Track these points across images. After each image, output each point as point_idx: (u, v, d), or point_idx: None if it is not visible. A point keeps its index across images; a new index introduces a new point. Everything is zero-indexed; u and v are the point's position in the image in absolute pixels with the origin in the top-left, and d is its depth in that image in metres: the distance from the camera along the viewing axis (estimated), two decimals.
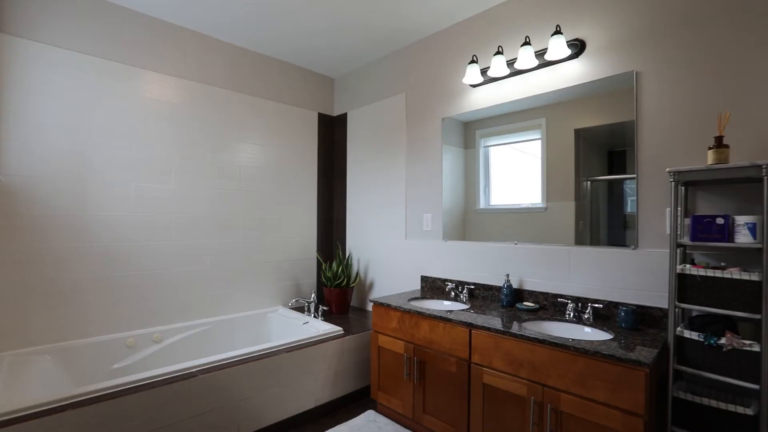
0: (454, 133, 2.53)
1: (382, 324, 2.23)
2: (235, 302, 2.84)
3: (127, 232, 2.36)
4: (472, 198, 2.42)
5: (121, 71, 2.33)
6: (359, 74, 3.26)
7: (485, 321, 1.79)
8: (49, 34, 2.11)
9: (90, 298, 2.23)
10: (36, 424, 1.42)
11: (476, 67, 2.26)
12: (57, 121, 2.13)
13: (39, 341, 2.07)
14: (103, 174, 2.27)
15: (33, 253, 2.06)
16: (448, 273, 2.51)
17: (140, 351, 2.33)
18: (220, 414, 1.88)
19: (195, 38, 2.65)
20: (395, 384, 2.16)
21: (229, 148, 2.82)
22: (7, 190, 1.99)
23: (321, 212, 3.41)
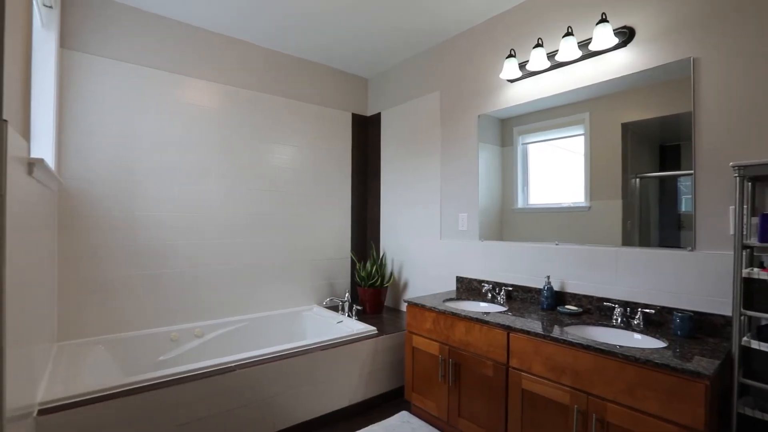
0: (491, 130, 2.46)
1: (417, 324, 2.20)
2: (272, 300, 2.91)
3: (171, 231, 2.47)
4: (510, 197, 2.34)
5: (165, 79, 2.45)
6: (393, 73, 3.25)
7: (524, 324, 1.72)
8: (103, 47, 2.25)
9: (138, 294, 2.35)
10: (90, 409, 1.51)
11: (514, 62, 2.18)
12: (109, 127, 2.27)
13: (94, 332, 2.21)
14: (149, 176, 2.40)
15: (89, 251, 2.20)
16: (484, 274, 2.44)
17: (183, 345, 2.43)
18: (256, 408, 1.92)
19: (234, 44, 2.75)
20: (429, 385, 2.12)
21: (266, 150, 2.89)
22: (67, 193, 2.14)
23: (355, 212, 3.43)
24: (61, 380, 1.67)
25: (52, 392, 1.53)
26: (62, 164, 2.12)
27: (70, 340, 2.13)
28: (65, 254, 2.13)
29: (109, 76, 2.26)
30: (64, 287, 2.12)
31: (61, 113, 2.12)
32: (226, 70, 2.71)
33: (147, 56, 2.39)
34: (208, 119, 2.62)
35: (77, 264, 2.16)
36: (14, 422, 1.11)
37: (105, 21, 2.26)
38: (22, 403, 1.22)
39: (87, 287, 2.19)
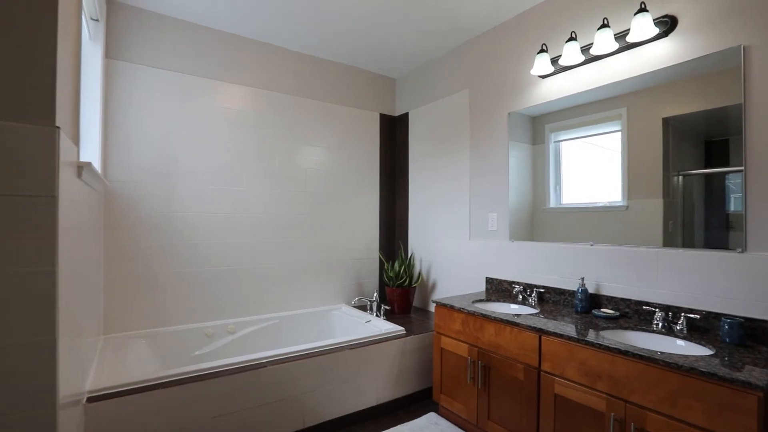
0: (521, 128, 2.40)
1: (445, 325, 2.18)
2: (301, 299, 2.96)
3: (206, 231, 2.57)
4: (541, 196, 2.27)
5: (201, 84, 2.55)
6: (420, 73, 3.24)
7: (557, 327, 1.67)
8: (144, 56, 2.37)
9: (176, 291, 2.46)
10: (133, 398, 1.60)
11: (546, 57, 2.12)
12: (149, 132, 2.38)
13: (136, 327, 2.33)
14: (186, 178, 2.50)
15: (131, 250, 2.32)
16: (515, 275, 2.39)
17: (217, 340, 2.52)
18: (287, 404, 1.96)
19: (265, 49, 2.82)
20: (458, 387, 2.09)
21: (296, 151, 2.95)
22: (112, 194, 2.27)
23: (383, 212, 3.43)
24: (107, 371, 1.78)
25: (99, 382, 1.63)
26: (107, 167, 2.25)
27: (114, 334, 2.26)
28: (110, 253, 2.26)
29: (149, 83, 2.38)
30: (109, 284, 2.25)
31: (106, 119, 2.25)
32: (258, 74, 2.79)
33: (184, 63, 2.50)
34: (240, 122, 2.70)
35: (121, 262, 2.29)
36: (66, 408, 1.19)
37: (145, 31, 2.38)
38: (73, 390, 1.31)
39: (130, 284, 2.32)
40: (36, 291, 1.04)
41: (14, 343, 1.02)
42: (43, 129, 1.06)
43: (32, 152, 1.04)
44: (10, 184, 1.02)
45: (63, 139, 1.12)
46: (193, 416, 1.72)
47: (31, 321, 1.04)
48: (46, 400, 1.06)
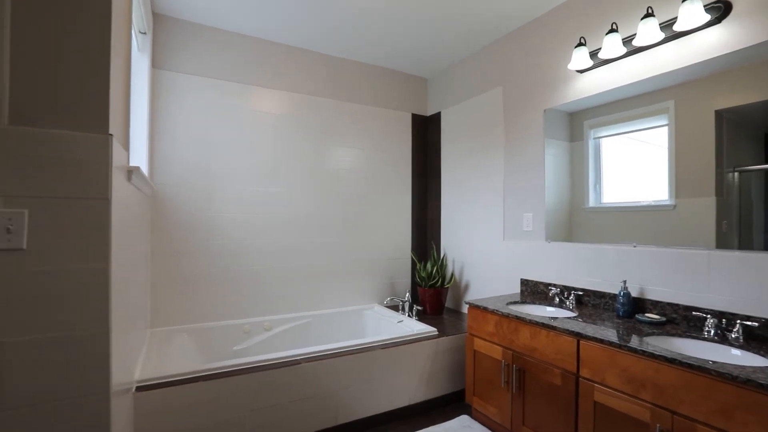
0: (558, 125, 2.32)
1: (478, 327, 2.14)
2: (334, 298, 3.01)
3: (243, 231, 2.67)
4: (580, 195, 2.18)
5: (237, 90, 2.66)
6: (453, 71, 3.20)
7: (597, 331, 1.60)
8: (185, 65, 2.50)
9: (216, 288, 2.57)
10: (178, 389, 1.69)
11: (584, 50, 2.03)
12: (191, 136, 2.51)
13: (179, 321, 2.46)
14: (224, 180, 2.61)
15: (176, 248, 2.46)
16: (551, 277, 2.31)
17: (254, 337, 2.61)
18: (320, 401, 2.00)
19: (296, 53, 2.89)
20: (491, 390, 2.05)
21: (329, 153, 3.00)
22: (157, 197, 2.41)
23: (415, 212, 3.43)
24: (153, 362, 1.89)
25: (147, 372, 1.74)
26: (153, 171, 2.39)
27: (160, 327, 2.39)
28: (157, 251, 2.40)
29: (190, 91, 2.51)
30: (156, 280, 2.39)
31: (153, 125, 2.39)
32: (291, 79, 2.86)
33: (222, 70, 2.61)
34: (274, 125, 2.79)
35: (166, 260, 2.43)
36: (118, 396, 1.28)
37: (187, 41, 2.51)
38: (124, 379, 1.40)
39: (174, 281, 2.45)
40: (92, 286, 1.13)
41: (74, 334, 1.10)
42: (98, 137, 1.14)
43: (89, 158, 1.13)
44: (71, 188, 1.10)
45: (115, 146, 1.20)
46: (232, 408, 1.79)
47: (88, 314, 1.12)
48: (101, 388, 1.14)
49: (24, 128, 1.06)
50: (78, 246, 1.11)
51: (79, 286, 1.11)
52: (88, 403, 1.12)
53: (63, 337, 1.09)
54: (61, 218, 1.09)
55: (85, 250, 1.12)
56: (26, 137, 1.06)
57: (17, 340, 1.04)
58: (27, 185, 1.06)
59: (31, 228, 1.06)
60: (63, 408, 1.09)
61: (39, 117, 1.08)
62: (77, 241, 1.11)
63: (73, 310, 1.10)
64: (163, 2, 2.31)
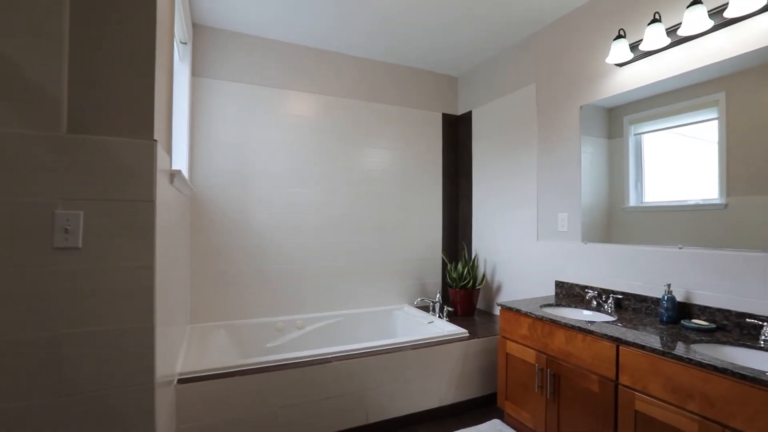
0: (595, 121, 2.23)
1: (511, 329, 2.10)
2: (364, 297, 3.04)
3: (276, 231, 2.75)
4: (619, 194, 2.09)
5: (271, 94, 2.74)
6: (484, 69, 3.15)
7: (638, 337, 1.52)
8: (223, 71, 2.61)
9: (252, 286, 2.66)
10: (216, 383, 1.76)
11: (624, 43, 1.94)
12: (228, 140, 2.61)
13: (217, 318, 2.56)
14: (259, 182, 2.70)
15: (213, 248, 2.56)
16: (588, 279, 2.22)
17: (287, 335, 2.68)
18: (350, 399, 2.03)
19: (327, 56, 2.94)
20: (525, 395, 2.00)
21: (360, 154, 3.03)
22: (196, 198, 2.52)
23: (446, 212, 3.40)
24: (193, 356, 1.98)
25: (188, 366, 1.82)
26: (193, 173, 2.51)
27: (199, 323, 2.50)
28: (196, 251, 2.51)
29: (227, 96, 2.61)
30: (195, 278, 2.51)
31: (192, 130, 2.50)
32: (322, 81, 2.92)
33: (256, 75, 2.70)
34: (307, 128, 2.85)
35: (204, 259, 2.54)
36: (162, 387, 1.35)
37: (223, 49, 2.61)
38: (167, 372, 1.48)
39: (212, 279, 2.56)
40: (138, 283, 1.20)
41: (122, 328, 1.18)
42: (144, 143, 1.21)
43: (136, 163, 1.20)
44: (119, 191, 1.18)
45: (159, 151, 1.27)
46: (265, 403, 1.85)
47: (134, 309, 1.20)
48: (147, 378, 1.21)
49: (80, 136, 1.15)
50: (126, 245, 1.19)
51: (127, 283, 1.19)
52: (135, 393, 1.20)
53: (113, 330, 1.17)
54: (111, 219, 1.17)
55: (132, 249, 1.19)
56: (82, 144, 1.15)
57: (74, 332, 1.13)
58: (82, 188, 1.14)
59: (85, 228, 1.14)
60: (113, 396, 1.17)
61: (93, 125, 1.17)
62: (125, 241, 1.19)
63: (122, 305, 1.18)
64: (202, 13, 2.42)
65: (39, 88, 1.11)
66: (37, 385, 1.09)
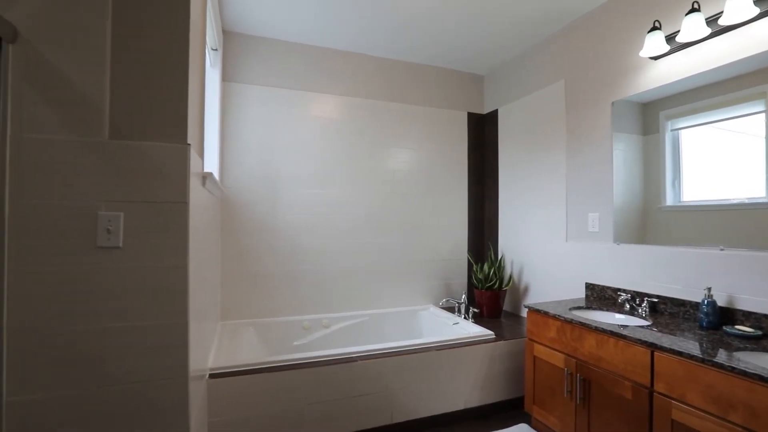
0: (628, 117, 2.14)
1: (538, 332, 2.05)
2: (389, 298, 3.05)
3: (303, 232, 2.80)
4: (655, 193, 2.00)
5: (296, 97, 2.79)
6: (510, 67, 3.09)
7: (674, 343, 1.45)
8: (250, 76, 2.68)
9: (279, 285, 2.73)
10: (245, 378, 1.82)
11: (659, 35, 1.86)
12: (256, 143, 2.69)
13: (246, 316, 2.64)
14: (287, 183, 2.76)
15: (242, 249, 2.64)
16: (620, 281, 2.14)
17: (313, 333, 2.72)
18: (375, 399, 2.04)
19: (351, 58, 2.97)
20: (553, 400, 1.95)
21: (385, 155, 3.05)
22: (226, 200, 2.61)
23: (471, 212, 3.36)
24: (224, 352, 2.05)
25: (219, 361, 1.89)
26: (223, 175, 2.60)
27: (229, 321, 2.59)
28: (226, 250, 2.60)
29: (256, 100, 2.69)
30: (225, 277, 2.60)
31: (223, 133, 2.59)
32: (346, 83, 2.95)
33: (283, 79, 2.77)
34: (331, 129, 2.89)
35: (234, 259, 2.62)
36: (195, 381, 1.41)
37: (252, 54, 2.69)
38: (200, 366, 1.54)
39: (241, 278, 2.64)
40: (173, 281, 1.26)
41: (158, 324, 1.24)
42: (178, 147, 1.27)
43: (170, 166, 1.26)
44: (156, 193, 1.24)
45: (192, 154, 1.33)
46: (292, 400, 1.89)
47: (169, 306, 1.25)
48: (181, 372, 1.26)
49: (120, 141, 1.21)
50: (161, 245, 1.25)
51: (163, 281, 1.25)
52: (171, 386, 1.25)
53: (150, 326, 1.23)
54: (148, 220, 1.24)
55: (167, 248, 1.25)
56: (122, 149, 1.21)
57: (115, 326, 1.20)
58: (122, 191, 1.21)
59: (124, 229, 1.21)
60: (150, 388, 1.23)
61: (131, 131, 1.23)
62: (161, 241, 1.25)
63: (158, 302, 1.24)
64: (231, 20, 2.50)
65: (85, 98, 1.18)
66: (82, 375, 1.17)
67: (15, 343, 1.11)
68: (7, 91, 1.11)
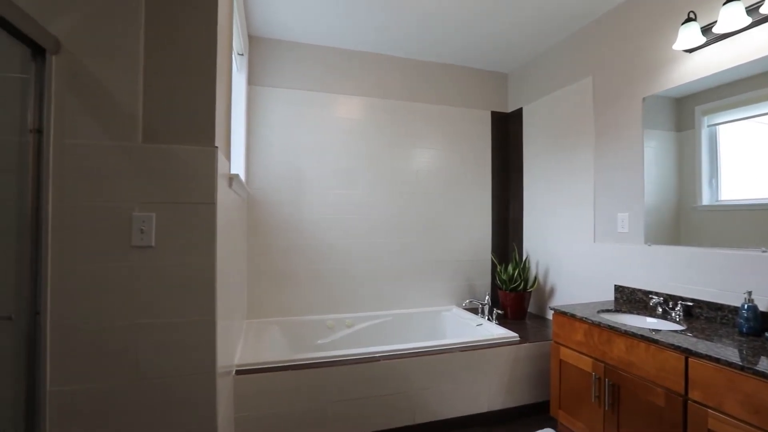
0: (660, 113, 2.06)
1: (565, 335, 2.00)
2: (412, 298, 3.04)
3: (327, 232, 2.83)
4: (690, 192, 1.91)
5: (319, 99, 2.83)
6: (535, 64, 3.03)
7: (711, 349, 1.39)
8: (275, 79, 2.74)
9: (304, 285, 2.77)
10: (270, 375, 1.86)
11: (695, 26, 1.78)
12: (282, 144, 2.74)
13: (271, 314, 2.70)
14: (311, 184, 2.80)
15: (268, 248, 2.70)
16: (652, 284, 2.06)
17: (337, 332, 2.75)
18: (398, 399, 2.04)
19: (374, 59, 2.98)
20: (580, 405, 1.90)
21: (407, 155, 3.05)
22: (252, 200, 2.68)
23: (495, 212, 3.31)
24: (250, 349, 2.10)
25: (245, 358, 1.94)
26: (249, 177, 2.67)
27: (255, 319, 2.65)
28: (252, 250, 2.67)
29: (280, 102, 2.74)
30: (251, 276, 2.66)
31: (249, 135, 2.66)
32: (368, 84, 2.96)
33: (306, 81, 2.81)
34: (354, 130, 2.91)
35: (260, 258, 2.68)
36: (222, 377, 1.45)
37: (276, 58, 2.75)
38: (227, 362, 1.59)
39: (267, 277, 2.70)
40: (201, 279, 1.30)
41: (188, 320, 1.29)
42: (206, 149, 1.32)
43: (199, 168, 1.31)
44: (185, 194, 1.29)
45: (219, 156, 1.37)
46: (316, 398, 1.91)
47: (198, 303, 1.30)
48: (209, 368, 1.31)
49: (153, 145, 1.27)
50: (191, 244, 1.29)
51: (192, 279, 1.29)
52: (199, 380, 1.30)
53: (180, 322, 1.28)
54: (178, 220, 1.29)
55: (197, 247, 1.30)
56: (154, 152, 1.27)
57: (148, 322, 1.25)
58: (154, 192, 1.27)
59: (156, 228, 1.26)
60: (180, 382, 1.28)
61: (162, 135, 1.28)
62: (190, 240, 1.29)
63: (188, 300, 1.29)
64: (257, 25, 2.57)
65: (120, 105, 1.25)
66: (117, 368, 1.23)
67: (56, 337, 1.18)
68: (51, 99, 1.18)
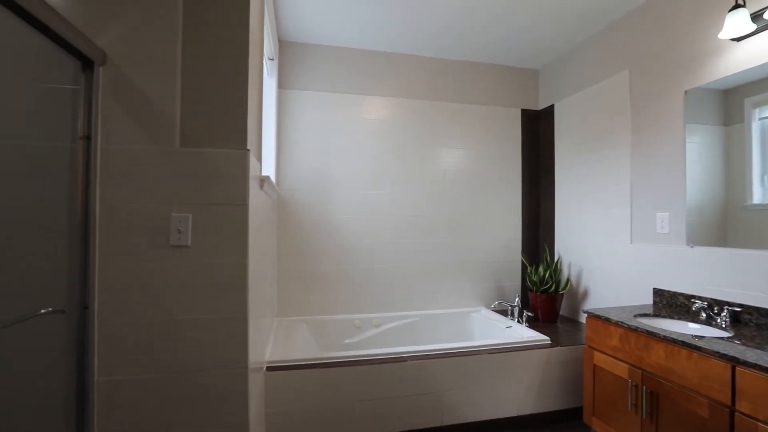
0: (705, 107, 1.94)
1: (599, 339, 1.93)
2: (440, 299, 3.02)
3: (355, 232, 2.86)
4: (738, 190, 1.80)
5: (347, 100, 2.87)
6: (567, 59, 2.94)
7: (761, 358, 1.30)
8: (305, 82, 2.80)
9: (332, 284, 2.82)
10: (299, 373, 1.90)
11: (743, 13, 1.67)
12: (311, 146, 2.80)
13: (300, 312, 2.76)
14: (339, 185, 2.84)
15: (297, 248, 2.76)
16: (695, 288, 1.95)
17: (364, 332, 2.77)
18: (426, 399, 2.04)
19: (399, 59, 2.98)
20: (615, 413, 1.82)
21: (434, 155, 3.03)
22: (282, 201, 2.75)
23: (525, 212, 3.23)
24: (280, 347, 2.16)
25: (275, 355, 1.99)
26: (279, 178, 2.74)
27: (285, 317, 2.72)
28: (282, 249, 2.74)
29: (309, 105, 2.80)
30: (281, 275, 2.73)
31: (279, 138, 2.73)
32: (395, 84, 2.97)
33: (333, 84, 2.85)
34: (383, 131, 2.93)
35: (290, 258, 2.75)
36: (254, 372, 1.50)
37: (305, 61, 2.81)
38: (258, 359, 1.64)
39: (296, 277, 2.76)
40: (234, 278, 1.35)
41: (221, 317, 1.34)
42: (238, 152, 1.37)
43: (232, 170, 1.36)
44: (219, 196, 1.35)
45: (251, 159, 1.42)
46: (343, 396, 1.94)
47: (231, 301, 1.35)
48: (242, 363, 1.36)
49: (189, 149, 1.33)
50: (224, 244, 1.35)
51: (225, 278, 1.35)
52: (232, 375, 1.35)
53: (214, 319, 1.34)
54: (212, 221, 1.34)
55: (229, 247, 1.35)
56: (191, 156, 1.33)
57: (185, 318, 1.31)
58: (190, 194, 1.33)
59: (192, 229, 1.32)
60: (214, 376, 1.33)
61: (197, 139, 1.34)
62: (223, 240, 1.35)
63: (221, 297, 1.34)
64: (287, 30, 2.63)
65: (160, 111, 1.32)
66: (156, 361, 1.29)
67: (102, 330, 1.26)
68: (98, 108, 1.27)
